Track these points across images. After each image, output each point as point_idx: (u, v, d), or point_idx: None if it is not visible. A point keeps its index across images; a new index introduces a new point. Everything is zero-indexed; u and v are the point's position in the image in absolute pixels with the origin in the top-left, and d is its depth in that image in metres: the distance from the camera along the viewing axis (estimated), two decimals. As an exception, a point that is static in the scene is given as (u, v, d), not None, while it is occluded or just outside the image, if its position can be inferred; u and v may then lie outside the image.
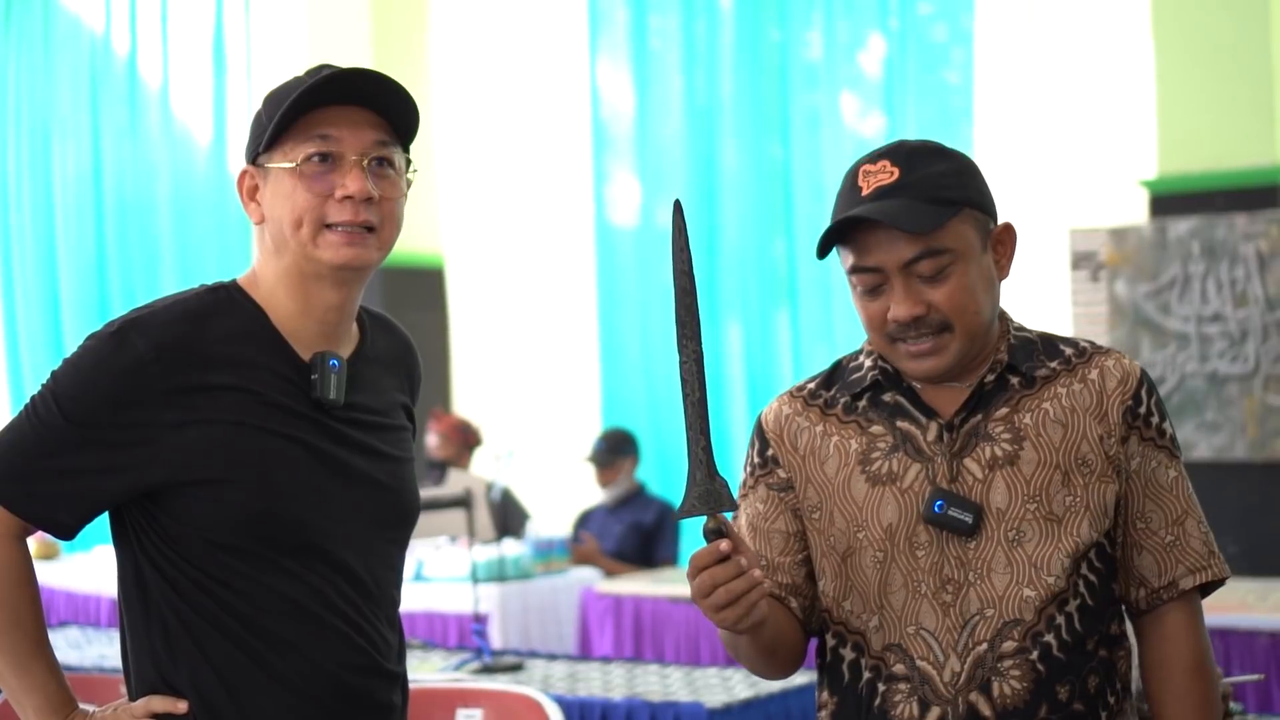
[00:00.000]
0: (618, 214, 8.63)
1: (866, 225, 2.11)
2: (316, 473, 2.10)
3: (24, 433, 2.06)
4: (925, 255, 2.10)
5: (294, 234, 2.09)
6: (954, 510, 2.10)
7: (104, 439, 2.04)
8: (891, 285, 2.11)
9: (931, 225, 2.08)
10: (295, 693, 2.08)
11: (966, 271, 2.11)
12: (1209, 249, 6.55)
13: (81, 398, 2.04)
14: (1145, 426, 2.16)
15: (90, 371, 2.05)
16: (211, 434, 2.04)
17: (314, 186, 2.08)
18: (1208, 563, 2.16)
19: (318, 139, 2.08)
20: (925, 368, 2.13)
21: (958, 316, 2.11)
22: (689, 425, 2.01)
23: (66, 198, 9.98)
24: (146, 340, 2.04)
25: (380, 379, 2.23)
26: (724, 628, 2.03)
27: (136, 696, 2.13)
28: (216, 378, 2.06)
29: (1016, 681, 2.08)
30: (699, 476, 2.00)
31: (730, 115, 8.14)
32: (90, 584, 7.40)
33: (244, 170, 2.14)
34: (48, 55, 10.06)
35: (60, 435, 2.04)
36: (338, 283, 2.12)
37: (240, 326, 2.10)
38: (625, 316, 8.54)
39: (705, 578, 1.98)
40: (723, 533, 1.99)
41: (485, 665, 4.74)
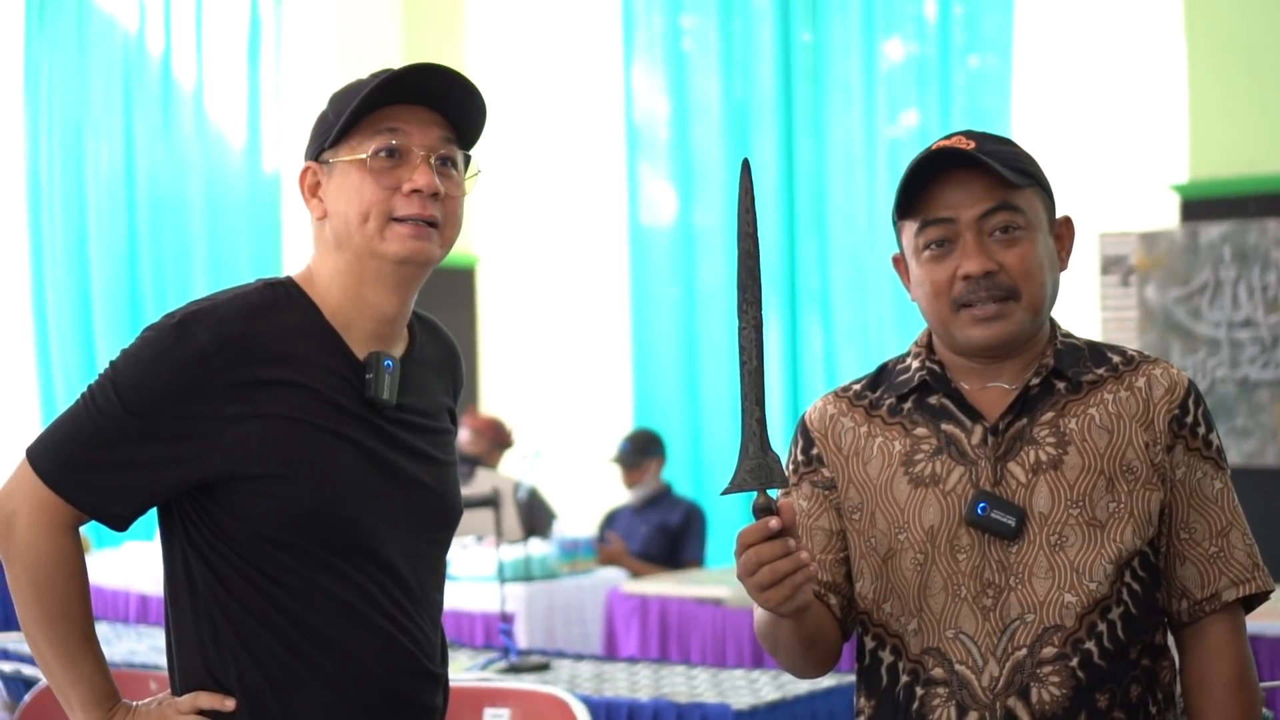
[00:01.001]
0: (651, 215, 8.64)
1: (941, 180, 2.11)
2: (368, 473, 2.10)
3: (81, 422, 2.06)
4: (1003, 208, 2.11)
5: (360, 227, 2.09)
6: (996, 513, 2.09)
7: (163, 431, 2.04)
8: (962, 241, 2.11)
9: (1012, 180, 2.10)
10: (340, 693, 2.08)
11: (1035, 241, 2.13)
12: (1240, 254, 6.52)
13: (142, 389, 2.04)
14: (1191, 436, 2.15)
15: (151, 363, 2.05)
16: (270, 429, 2.04)
17: (382, 180, 2.09)
18: (1252, 575, 2.15)
19: (387, 132, 2.09)
20: (990, 333, 2.11)
21: (1025, 283, 2.11)
22: (744, 395, 1.98)
23: (99, 197, 10.01)
24: (208, 332, 2.04)
25: (428, 381, 2.23)
26: (766, 609, 2.01)
27: (181, 693, 2.13)
28: (275, 373, 2.06)
29: (1056, 688, 2.06)
30: (751, 450, 1.97)
31: (763, 117, 8.14)
32: (119, 580, 7.43)
33: (306, 166, 2.15)
34: (81, 54, 10.10)
35: (119, 426, 2.04)
36: (398, 281, 2.12)
37: (298, 323, 2.11)
38: (658, 318, 8.55)
39: (751, 555, 1.95)
40: (772, 510, 1.96)
41: (512, 665, 4.74)
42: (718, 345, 8.29)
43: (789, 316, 8.10)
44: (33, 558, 2.06)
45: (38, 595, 2.06)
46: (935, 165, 2.12)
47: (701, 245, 8.43)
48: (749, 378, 1.98)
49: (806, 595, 2.00)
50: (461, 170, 2.17)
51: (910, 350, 2.26)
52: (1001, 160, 2.12)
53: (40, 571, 2.06)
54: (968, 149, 2.12)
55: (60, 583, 2.07)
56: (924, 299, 2.17)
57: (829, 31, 8.00)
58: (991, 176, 2.11)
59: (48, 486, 2.05)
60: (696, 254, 8.46)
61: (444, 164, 2.13)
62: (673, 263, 8.50)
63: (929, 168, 2.12)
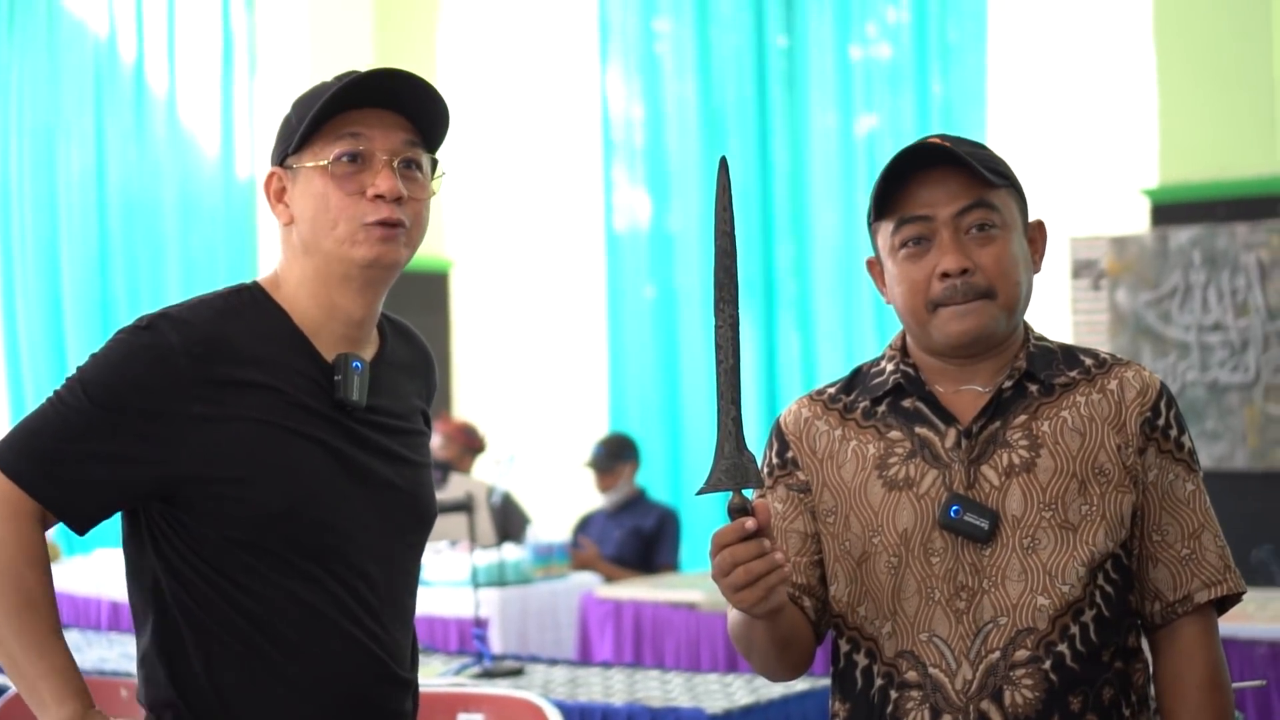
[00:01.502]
0: (626, 219, 8.65)
1: (917, 179, 2.13)
2: (338, 475, 2.10)
3: (48, 418, 2.05)
4: (978, 206, 2.12)
5: (328, 233, 2.10)
6: (970, 516, 2.09)
7: (130, 427, 2.03)
8: (939, 239, 2.12)
9: (988, 179, 2.11)
10: (309, 700, 2.08)
11: (1010, 241, 2.14)
12: (1210, 258, 6.56)
13: (110, 384, 2.03)
14: (1164, 439, 2.15)
15: (120, 361, 2.05)
16: (238, 431, 2.04)
17: (345, 185, 2.09)
18: (1223, 577, 2.15)
19: (348, 138, 2.10)
20: (966, 325, 2.12)
21: (1000, 282, 2.12)
22: (720, 394, 1.98)
23: (70, 202, 9.98)
24: (177, 333, 2.04)
25: (400, 384, 2.23)
26: (741, 610, 2.01)
27: (147, 699, 2.12)
28: (244, 374, 2.06)
29: (1029, 691, 2.07)
30: (727, 449, 1.98)
31: (738, 121, 8.16)
32: (90, 587, 7.39)
33: (271, 172, 2.15)
34: (51, 59, 10.07)
35: (86, 420, 2.03)
36: (365, 284, 2.12)
37: (265, 327, 2.11)
38: (634, 323, 8.55)
39: (726, 556, 1.95)
40: (747, 510, 1.96)
41: (486, 670, 4.74)
42: (694, 350, 8.31)
43: (766, 320, 8.12)
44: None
45: (1, 587, 2.03)
46: (912, 163, 2.14)
47: (678, 249, 8.44)
48: (725, 376, 1.98)
49: (781, 597, 2.01)
50: (427, 173, 2.17)
51: (884, 353, 2.27)
52: (977, 160, 2.13)
53: (2, 560, 2.02)
54: (949, 148, 2.13)
55: (25, 572, 2.03)
56: (900, 298, 2.17)
57: (804, 35, 8.03)
58: (968, 175, 2.12)
59: (9, 478, 2.03)
60: (673, 258, 8.47)
61: (408, 167, 2.13)
62: (648, 267, 8.51)
63: (906, 166, 2.13)
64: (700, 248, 8.19)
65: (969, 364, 2.18)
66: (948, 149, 2.12)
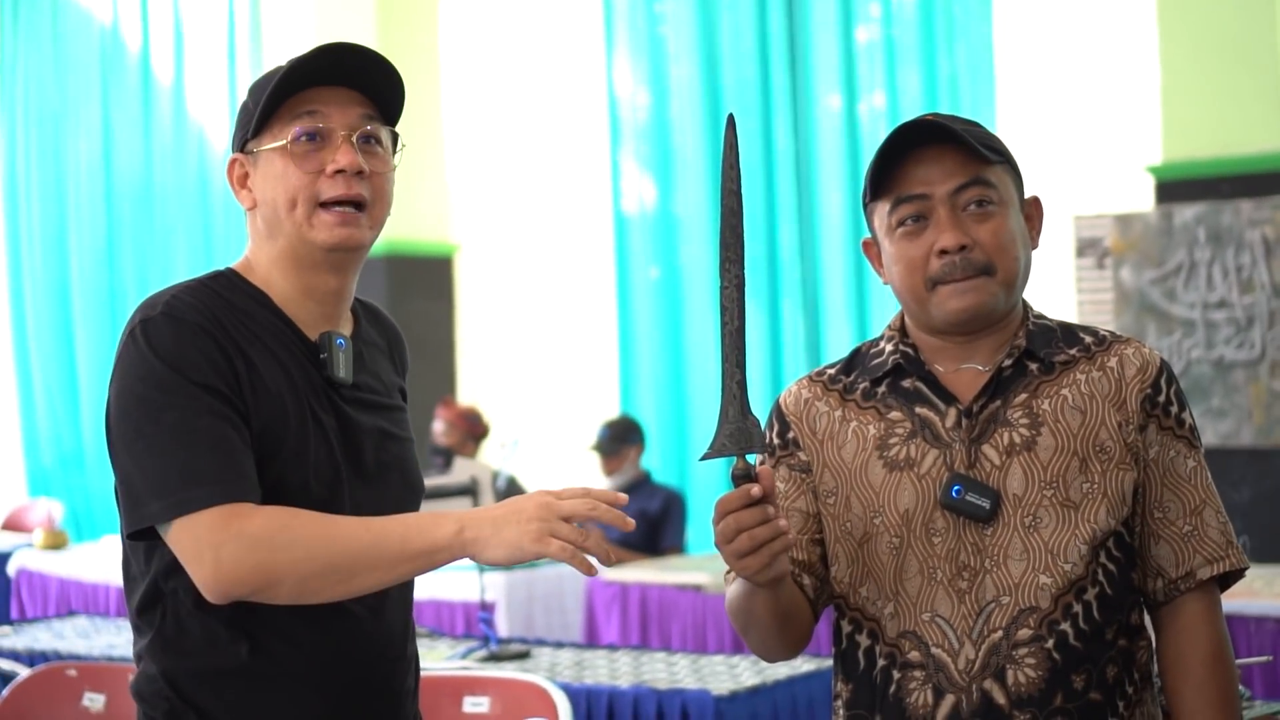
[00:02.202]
0: (633, 202, 8.64)
1: (913, 158, 2.12)
2: (334, 452, 2.10)
3: (156, 446, 1.97)
4: (975, 183, 2.12)
5: (289, 214, 2.09)
6: (971, 495, 2.09)
7: (217, 387, 1.99)
8: (936, 217, 2.12)
9: (984, 155, 2.11)
10: (310, 684, 2.07)
11: (1007, 217, 2.14)
12: (1215, 235, 6.55)
13: (176, 367, 1.98)
14: (1164, 415, 2.15)
15: (170, 351, 1.99)
16: (268, 404, 2.04)
17: (305, 165, 2.08)
18: (1225, 553, 2.15)
19: (305, 116, 2.09)
20: (965, 303, 2.11)
21: (999, 257, 2.12)
22: (724, 357, 1.97)
23: (78, 190, 10.01)
24: (192, 312, 2.03)
25: (377, 361, 2.24)
26: (743, 577, 2.01)
27: (142, 691, 2.11)
28: (251, 350, 2.06)
29: (1031, 670, 2.07)
30: (731, 413, 1.97)
31: (743, 102, 8.14)
32: (99, 574, 7.41)
33: (233, 159, 2.16)
34: (57, 48, 10.09)
35: (180, 411, 1.96)
36: (333, 266, 2.12)
37: (248, 308, 2.10)
38: (643, 305, 8.55)
39: (730, 521, 1.95)
40: (751, 476, 1.95)
41: (492, 653, 4.75)
42: (699, 332, 8.30)
43: (770, 302, 8.11)
44: (269, 557, 1.95)
45: (314, 565, 1.94)
46: (908, 141, 2.13)
47: (683, 231, 8.44)
48: (730, 339, 1.98)
49: (783, 565, 2.01)
50: (387, 147, 2.16)
51: (883, 334, 2.26)
52: (972, 137, 2.13)
53: (286, 555, 1.94)
54: (939, 123, 2.13)
55: (297, 526, 1.95)
56: (898, 277, 2.17)
57: (808, 16, 8.01)
58: (963, 152, 2.12)
59: (196, 512, 1.95)
60: (678, 240, 8.47)
61: (367, 142, 2.12)
62: (655, 249, 8.51)
63: (902, 143, 2.13)
64: (706, 229, 8.18)
65: (968, 342, 2.18)
66: (943, 125, 2.12)
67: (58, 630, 5.53)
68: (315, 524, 1.96)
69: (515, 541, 1.92)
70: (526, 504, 1.94)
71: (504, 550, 1.93)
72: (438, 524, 1.95)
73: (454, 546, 1.94)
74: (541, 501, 1.94)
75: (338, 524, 1.97)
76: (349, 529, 1.96)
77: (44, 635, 5.42)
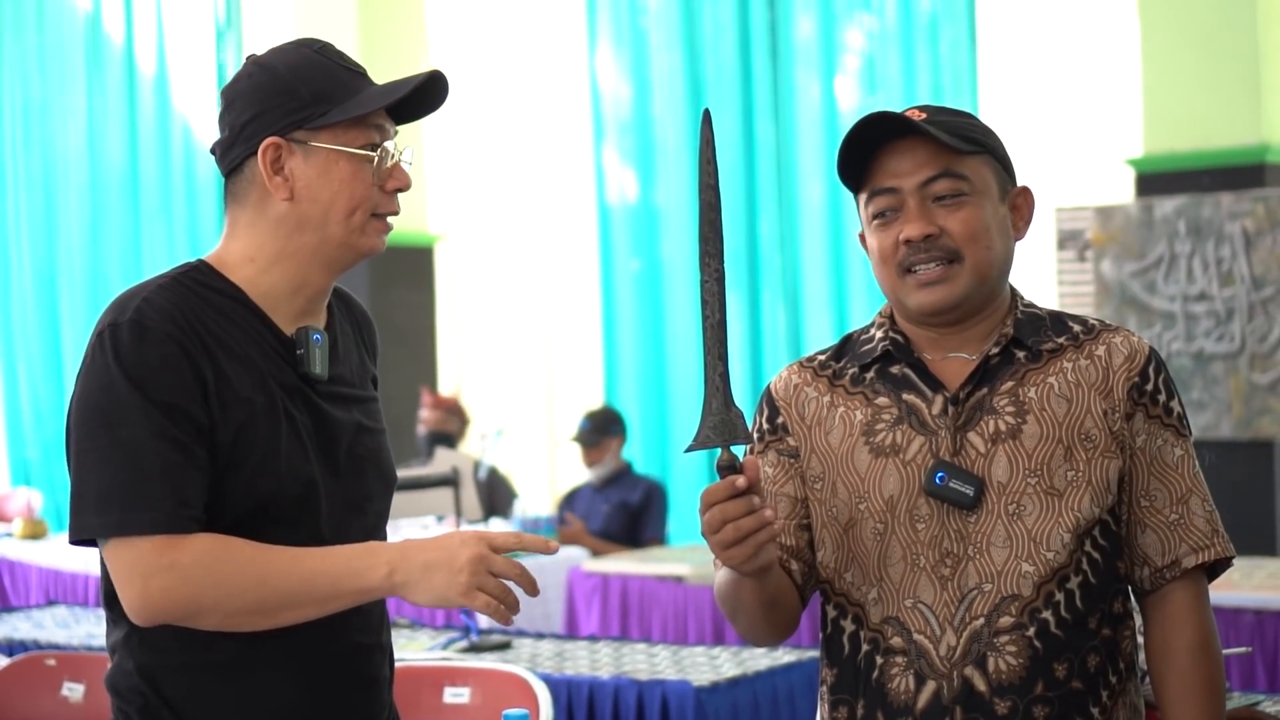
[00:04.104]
0: (615, 194, 8.64)
1: (885, 151, 2.14)
2: (309, 449, 2.09)
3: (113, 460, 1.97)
4: (944, 175, 2.12)
5: (344, 219, 2.09)
6: (955, 483, 2.09)
7: (186, 410, 1.99)
8: (905, 208, 2.13)
9: (955, 147, 2.11)
10: (287, 673, 2.07)
11: (981, 207, 2.14)
12: (1195, 228, 6.56)
13: (140, 386, 1.97)
14: (1152, 404, 2.15)
15: (132, 364, 1.98)
16: (235, 410, 2.03)
17: (373, 177, 2.10)
18: (1211, 541, 2.15)
19: (375, 129, 2.10)
20: (934, 297, 2.13)
21: (968, 245, 2.12)
22: (707, 350, 1.98)
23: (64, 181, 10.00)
24: (159, 318, 2.01)
25: (350, 351, 2.24)
26: (730, 567, 2.02)
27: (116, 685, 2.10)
28: (222, 351, 2.04)
29: (1012, 658, 2.07)
30: (714, 405, 1.98)
31: (725, 94, 8.14)
32: (78, 563, 7.39)
33: (273, 142, 2.08)
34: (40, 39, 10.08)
35: (146, 430, 1.97)
36: (345, 266, 2.14)
37: (224, 304, 2.08)
38: (626, 297, 8.55)
39: (716, 513, 1.96)
40: (736, 467, 1.96)
41: (472, 644, 4.74)
42: (680, 323, 8.30)
43: (751, 294, 8.11)
44: (198, 587, 1.97)
45: (242, 601, 1.98)
46: (877, 134, 2.14)
47: (667, 224, 8.44)
48: (711, 331, 1.99)
49: (770, 555, 2.02)
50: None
51: (874, 320, 2.27)
52: (949, 130, 2.13)
53: (215, 590, 1.97)
54: (908, 116, 2.13)
55: (229, 561, 1.97)
56: (874, 267, 2.19)
57: (790, 8, 8.01)
58: (935, 144, 2.12)
59: (142, 535, 1.96)
60: (659, 232, 8.47)
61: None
62: (635, 241, 8.51)
63: (870, 135, 2.14)
64: (689, 221, 8.18)
65: (955, 332, 2.18)
66: (904, 118, 2.13)
67: (37, 620, 5.51)
68: (248, 560, 1.98)
69: (442, 592, 1.97)
70: (460, 552, 1.97)
71: (430, 597, 1.98)
72: (370, 566, 1.98)
73: (383, 589, 2.00)
74: (477, 554, 1.97)
75: (271, 560, 1.99)
76: (281, 566, 1.98)
77: (23, 625, 5.40)
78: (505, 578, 1.98)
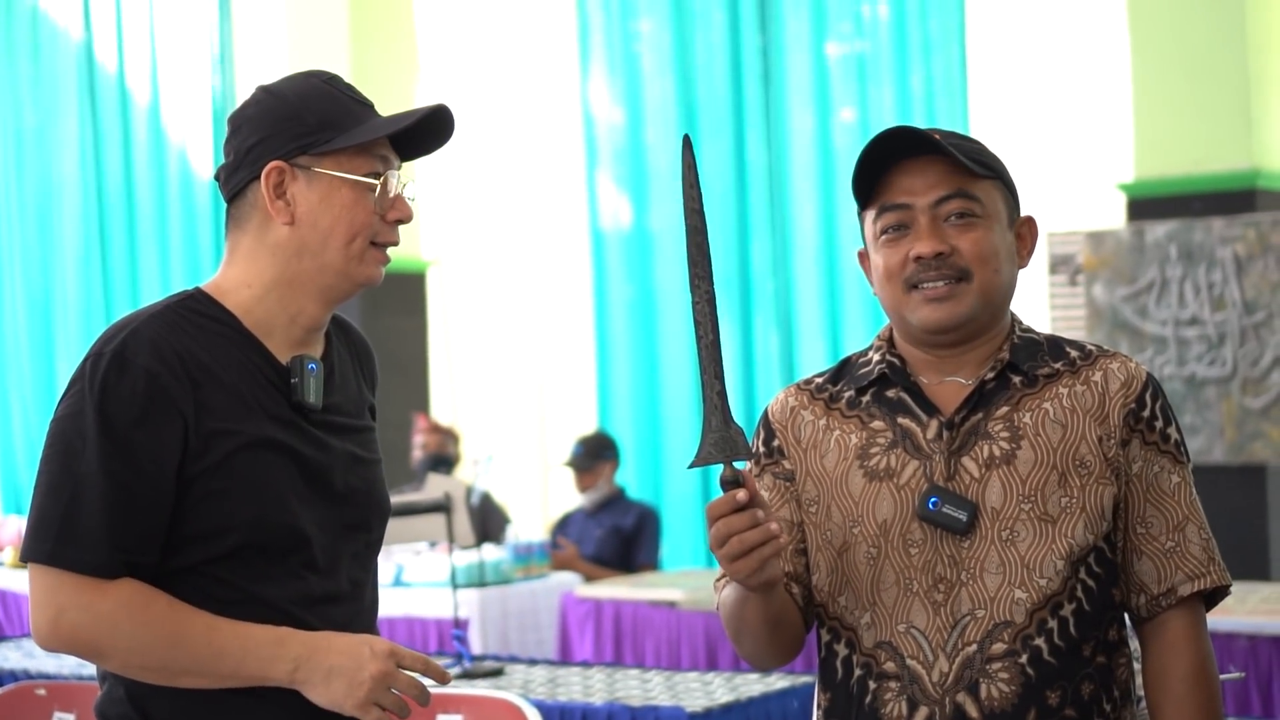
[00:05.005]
0: (609, 220, 8.65)
1: (899, 168, 2.14)
2: (299, 480, 2.09)
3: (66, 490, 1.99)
4: (958, 195, 2.12)
5: (344, 246, 2.09)
6: (948, 508, 2.09)
7: (149, 455, 2.00)
8: (916, 226, 2.13)
9: (971, 169, 2.12)
10: (277, 702, 2.06)
11: (992, 229, 2.14)
12: (1186, 252, 6.57)
13: (111, 424, 1.98)
14: (1149, 430, 2.14)
15: (106, 396, 1.99)
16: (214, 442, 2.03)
17: (375, 206, 2.10)
18: (1207, 569, 2.14)
19: (379, 159, 2.11)
20: (940, 314, 2.12)
21: (978, 266, 2.12)
22: (703, 370, 2.00)
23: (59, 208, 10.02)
24: (145, 355, 2.01)
25: (347, 380, 2.23)
26: (736, 580, 2.03)
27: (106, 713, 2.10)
28: (208, 382, 2.04)
29: (1005, 684, 2.06)
30: (714, 423, 1.99)
31: (715, 119, 8.15)
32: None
33: (276, 166, 2.08)
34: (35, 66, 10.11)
35: (106, 469, 1.98)
36: (342, 296, 2.14)
37: (219, 332, 2.08)
38: (620, 322, 8.55)
39: (721, 526, 1.97)
40: (739, 482, 1.97)
41: (465, 670, 4.73)
42: (674, 348, 8.30)
43: (744, 319, 8.11)
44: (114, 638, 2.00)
45: (145, 659, 2.01)
46: (893, 151, 2.14)
47: (660, 249, 8.44)
48: (706, 351, 2.00)
49: (775, 569, 2.02)
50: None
51: (872, 344, 2.27)
52: (962, 152, 2.13)
53: (122, 643, 2.00)
54: (929, 133, 2.14)
55: (146, 625, 2.00)
56: (879, 284, 2.18)
57: (782, 33, 8.03)
58: (949, 164, 2.13)
59: (79, 573, 1.98)
60: (653, 257, 8.47)
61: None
62: (630, 266, 8.52)
63: (889, 152, 2.14)
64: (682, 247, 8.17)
65: (953, 355, 2.18)
66: (925, 135, 2.13)
67: (27, 649, 5.49)
68: (163, 620, 2.00)
69: (339, 700, 2.02)
70: (368, 666, 2.02)
71: (326, 701, 2.03)
72: (276, 658, 2.01)
73: (284, 682, 2.03)
74: (382, 671, 2.02)
75: (185, 627, 2.01)
76: (193, 635, 2.01)
77: (13, 654, 5.39)
78: (406, 694, 2.04)
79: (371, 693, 2.01)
